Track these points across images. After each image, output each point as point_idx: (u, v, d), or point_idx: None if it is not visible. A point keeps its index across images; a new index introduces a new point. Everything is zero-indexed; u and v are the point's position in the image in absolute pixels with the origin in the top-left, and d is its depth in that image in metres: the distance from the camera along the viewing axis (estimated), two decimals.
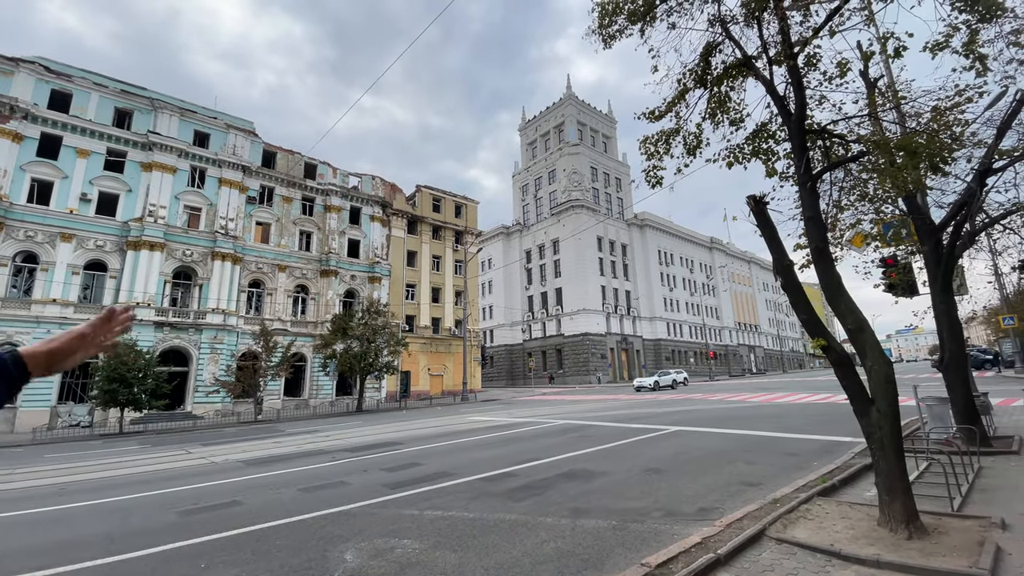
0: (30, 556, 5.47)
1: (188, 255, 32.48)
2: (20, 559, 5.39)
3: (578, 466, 8.84)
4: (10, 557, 5.54)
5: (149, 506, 7.72)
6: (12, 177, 27.78)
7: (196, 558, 5.07)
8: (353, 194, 42.26)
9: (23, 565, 5.10)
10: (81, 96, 31.00)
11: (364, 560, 4.73)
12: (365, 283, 41.32)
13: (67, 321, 27.88)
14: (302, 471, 10.11)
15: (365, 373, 31.77)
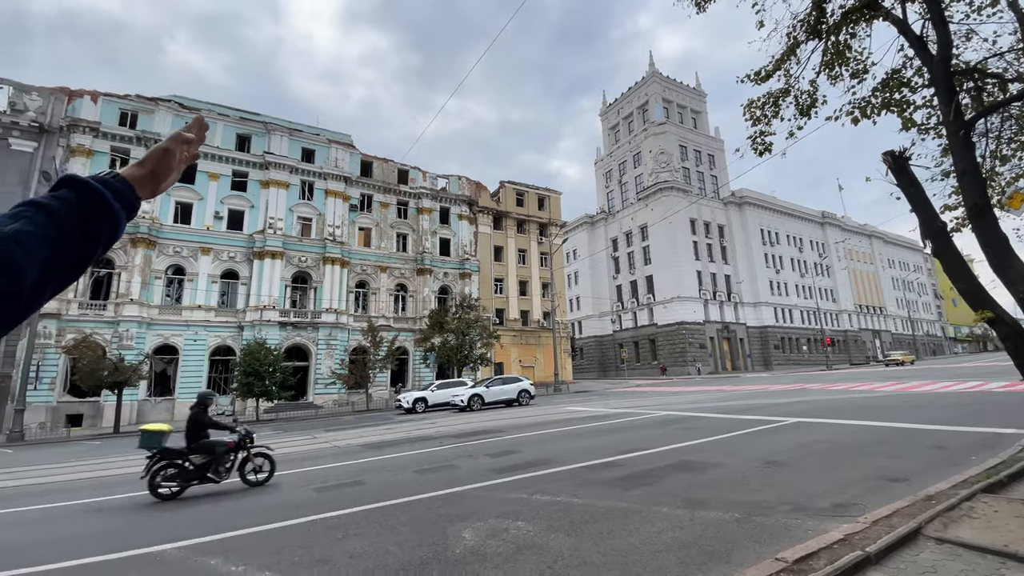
0: (197, 523, 6.37)
1: (303, 261, 35.95)
2: (190, 526, 6.29)
3: (687, 457, 8.44)
4: (181, 524, 6.48)
5: (288, 484, 8.65)
6: (160, 202, 32.54)
7: (333, 530, 5.57)
8: (442, 195, 43.99)
9: (193, 531, 5.94)
10: (210, 126, 35.44)
11: (481, 539, 4.88)
12: (456, 279, 42.91)
13: (210, 324, 32.24)
14: (414, 455, 10.75)
15: (461, 364, 33.10)
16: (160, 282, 31.68)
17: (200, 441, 8.20)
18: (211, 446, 8.21)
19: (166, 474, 8.02)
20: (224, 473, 8.30)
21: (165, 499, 7.91)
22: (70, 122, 30.50)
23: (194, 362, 31.46)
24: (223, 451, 8.28)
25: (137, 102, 33.31)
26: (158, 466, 7.97)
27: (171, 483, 8.01)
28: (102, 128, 31.28)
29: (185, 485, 8.08)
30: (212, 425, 8.38)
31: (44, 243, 0.71)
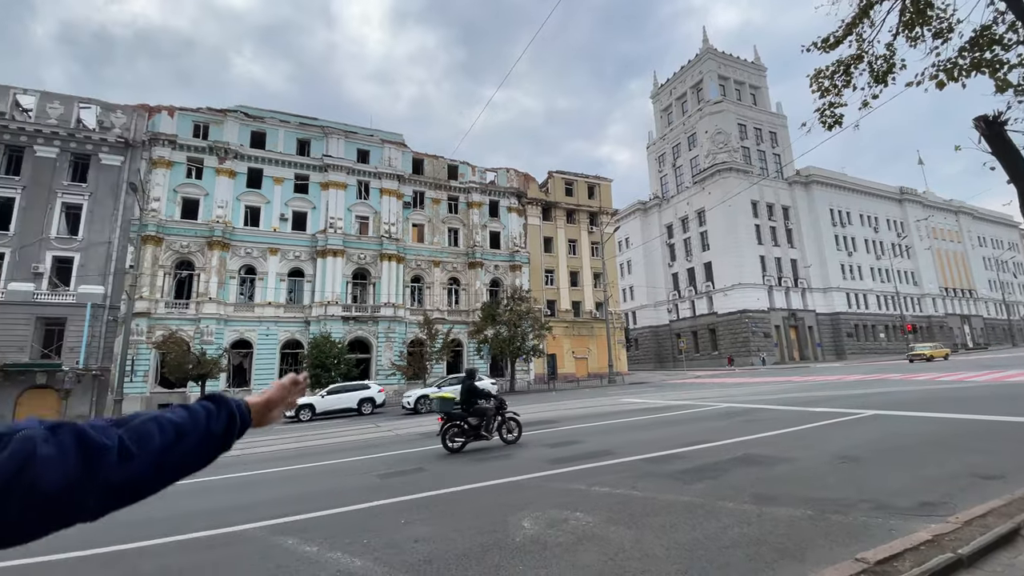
0: (277, 505, 6.83)
1: (362, 258, 37.45)
2: (271, 507, 6.75)
3: (753, 451, 8.09)
4: (263, 505, 6.97)
5: (354, 469, 9.10)
6: (232, 207, 34.85)
7: (397, 514, 5.81)
8: (491, 188, 44.29)
9: (273, 512, 6.37)
10: (272, 133, 37.50)
11: (541, 528, 4.92)
12: (507, 272, 43.18)
13: (280, 319, 34.34)
14: (471, 443, 10.98)
15: (514, 356, 33.41)
16: (234, 281, 34.05)
17: (474, 407, 10.15)
18: (483, 411, 10.15)
19: (452, 433, 10.04)
20: (491, 433, 10.21)
21: (453, 452, 9.89)
22: (151, 136, 33.26)
23: (267, 355, 33.67)
24: (492, 415, 10.23)
25: (208, 114, 35.77)
26: (449, 426, 10.04)
27: (457, 439, 10.02)
28: (178, 140, 33.88)
29: (466, 441, 10.04)
30: (480, 394, 10.36)
31: (175, 428, 0.91)
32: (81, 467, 0.72)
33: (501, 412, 10.45)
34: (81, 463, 0.73)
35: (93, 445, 0.75)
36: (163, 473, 0.87)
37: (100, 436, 0.77)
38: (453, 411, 10.25)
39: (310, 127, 38.95)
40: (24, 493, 0.65)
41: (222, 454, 1.02)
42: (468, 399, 10.19)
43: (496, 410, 10.36)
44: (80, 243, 30.42)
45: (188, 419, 0.94)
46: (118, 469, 0.77)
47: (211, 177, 34.59)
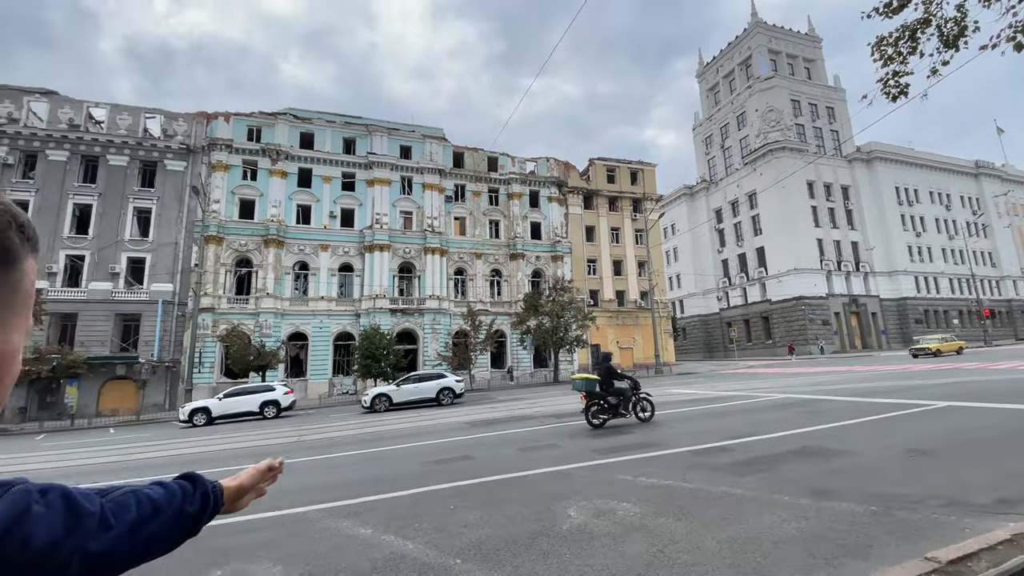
0: (332, 489, 7.17)
1: (407, 252, 38.36)
2: (325, 491, 7.09)
3: (811, 443, 7.74)
4: (317, 489, 7.32)
5: (403, 456, 9.41)
6: (285, 206, 36.46)
7: (445, 500, 5.97)
8: (531, 179, 44.12)
9: (328, 496, 6.70)
10: (320, 134, 38.83)
11: (588, 518, 4.93)
12: (549, 262, 43.02)
13: (332, 312, 35.80)
14: (516, 433, 11.11)
15: (557, 347, 33.34)
16: (289, 277, 35.75)
17: (613, 386, 10.87)
18: (621, 391, 10.86)
19: (594, 410, 10.82)
20: (629, 411, 10.91)
21: (595, 428, 10.63)
22: (209, 141, 35.23)
23: (321, 347, 35.21)
24: (630, 394, 10.91)
25: (260, 118, 37.46)
26: (590, 404, 10.85)
27: (600, 416, 10.78)
28: (234, 144, 35.72)
29: (607, 418, 10.79)
30: (618, 375, 11.05)
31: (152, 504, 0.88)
32: (67, 529, 0.68)
33: (636, 392, 11.06)
34: (67, 525, 0.69)
35: (80, 509, 0.72)
36: (135, 549, 0.81)
37: (85, 502, 0.74)
38: (595, 391, 10.92)
39: (355, 126, 40.06)
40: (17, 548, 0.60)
41: (190, 538, 0.98)
42: (607, 380, 10.90)
43: (632, 390, 10.99)
44: (150, 244, 32.78)
45: (165, 496, 0.92)
46: (97, 537, 0.73)
47: (265, 178, 36.31)
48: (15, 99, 32.31)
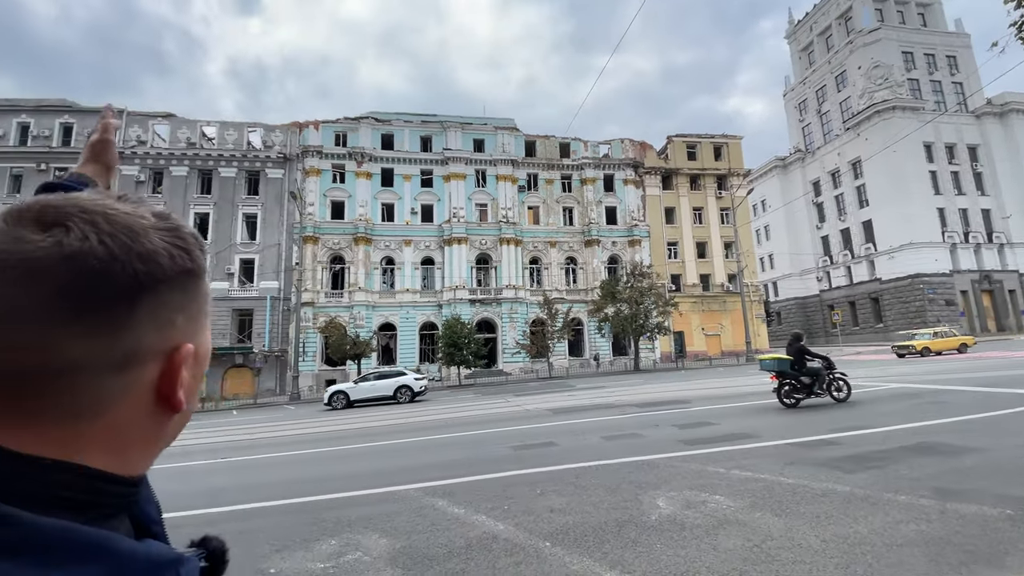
0: (426, 470, 7.61)
1: (483, 244, 39.28)
2: (420, 471, 7.55)
3: (933, 438, 6.96)
4: (413, 469, 7.82)
5: (490, 441, 9.75)
6: (370, 205, 38.74)
7: (531, 485, 6.13)
8: (604, 162, 43.12)
9: (423, 476, 7.14)
10: (399, 134, 40.67)
11: (677, 509, 4.84)
12: (626, 247, 41.93)
13: (417, 304, 37.72)
14: (598, 421, 11.08)
15: (637, 334, 32.51)
16: (377, 272, 38.13)
17: (807, 366, 10.74)
18: (816, 370, 10.70)
19: (787, 390, 10.76)
20: (824, 391, 10.71)
21: (788, 407, 10.60)
22: (302, 149, 38.24)
23: (408, 336, 37.25)
24: (825, 374, 10.74)
25: (344, 124, 39.97)
26: (781, 384, 10.80)
27: (793, 396, 10.73)
28: (324, 150, 38.51)
29: (801, 398, 10.72)
30: (810, 353, 10.87)
31: None
32: None
33: (831, 371, 10.79)
34: None
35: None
36: None
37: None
38: (787, 371, 10.77)
39: (430, 124, 41.48)
40: None
41: None
42: (799, 359, 10.71)
43: (826, 369, 10.75)
44: (258, 246, 36.41)
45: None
46: None
47: (352, 180, 38.82)
48: (143, 123, 37.15)
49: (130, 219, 0.45)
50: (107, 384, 0.43)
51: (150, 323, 0.44)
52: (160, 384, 0.46)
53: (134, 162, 36.06)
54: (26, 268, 0.39)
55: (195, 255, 0.48)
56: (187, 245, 0.48)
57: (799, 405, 10.65)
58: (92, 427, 0.43)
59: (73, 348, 0.40)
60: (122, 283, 0.42)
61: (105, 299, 0.41)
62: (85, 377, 0.41)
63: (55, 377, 0.40)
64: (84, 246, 0.41)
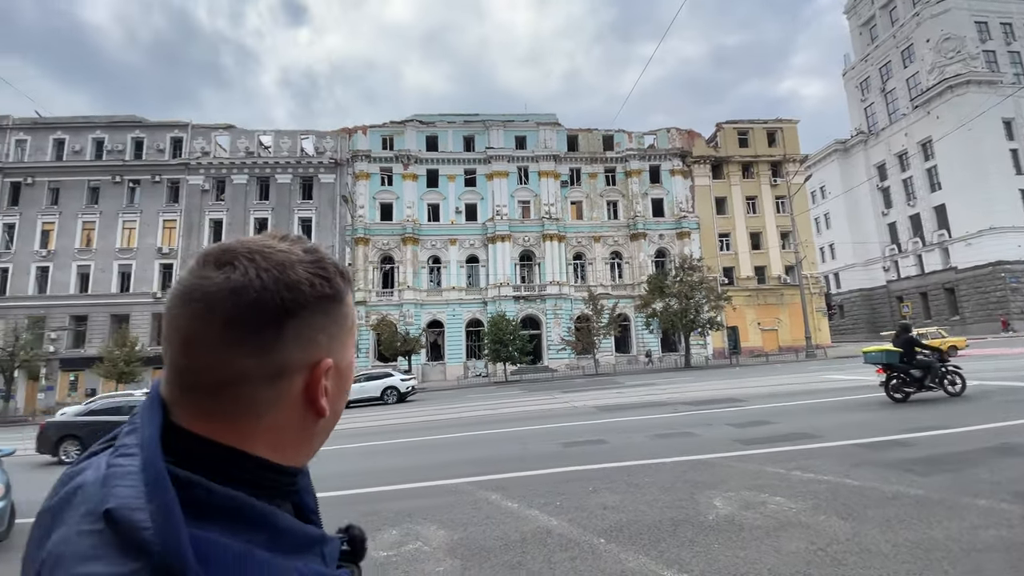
0: (478, 464, 7.81)
1: (526, 241, 39.42)
2: (473, 465, 7.76)
3: (1017, 439, 6.46)
4: (467, 463, 8.02)
5: (538, 437, 9.85)
6: (417, 206, 39.70)
7: (583, 482, 6.18)
8: (650, 153, 42.15)
9: (476, 470, 7.33)
10: (443, 135, 41.39)
11: (735, 509, 4.76)
12: (674, 240, 40.87)
13: (463, 301, 38.43)
14: (648, 419, 10.94)
15: (688, 330, 31.61)
16: (424, 270, 39.09)
17: (917, 359, 10.28)
18: (928, 363, 10.19)
19: (895, 384, 10.39)
20: (937, 384, 10.19)
21: (897, 402, 10.23)
22: (352, 154, 39.66)
23: (455, 333, 37.99)
24: (938, 367, 10.19)
25: (391, 127, 41.10)
26: (889, 377, 10.44)
27: (904, 390, 10.32)
28: (372, 154, 39.79)
29: (911, 392, 10.27)
30: (920, 345, 10.41)
31: None
32: None
33: (944, 364, 10.30)
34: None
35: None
36: None
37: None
38: (896, 363, 10.33)
39: (473, 123, 41.95)
40: None
41: None
42: (909, 351, 10.26)
43: (939, 362, 10.28)
44: None
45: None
46: None
47: (399, 182, 39.94)
48: (206, 135, 39.64)
49: (282, 255, 0.55)
50: (264, 393, 0.54)
51: (295, 342, 0.55)
52: (306, 393, 0.56)
53: (199, 172, 38.58)
54: (206, 302, 0.51)
55: (334, 282, 0.59)
56: (327, 274, 0.58)
57: (908, 400, 10.16)
58: (257, 426, 0.54)
59: (240, 365, 0.52)
60: (272, 310, 0.53)
61: (260, 324, 0.52)
62: (248, 388, 0.53)
63: (230, 387, 0.52)
64: (244, 280, 0.52)
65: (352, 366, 0.62)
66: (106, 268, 36.71)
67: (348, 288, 0.61)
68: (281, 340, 0.54)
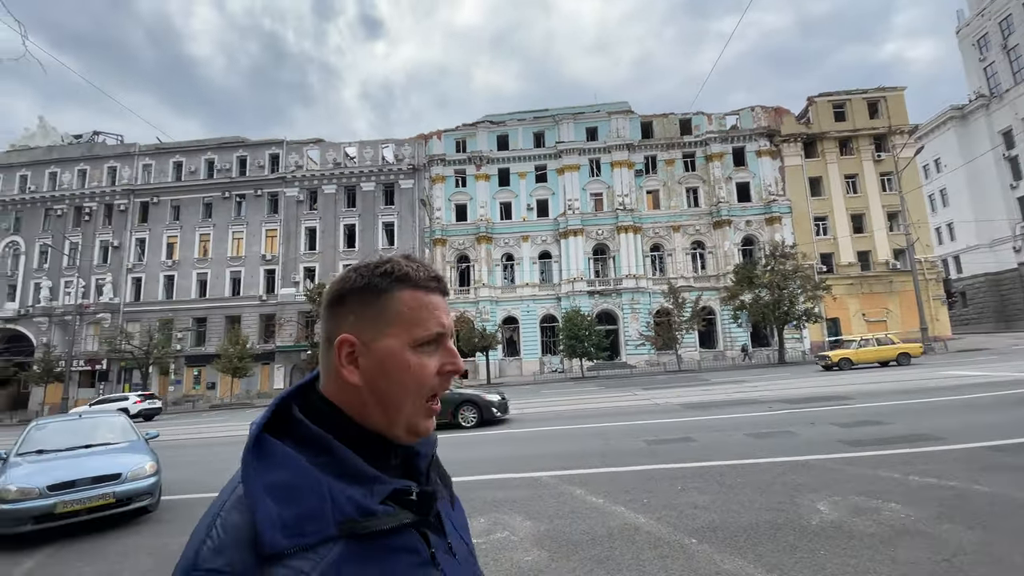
0: (562, 459, 7.86)
1: (600, 234, 38.79)
2: (557, 460, 7.81)
3: None
4: (551, 457, 8.10)
5: (621, 433, 9.72)
6: (489, 205, 40.46)
7: (671, 480, 6.03)
8: (732, 134, 39.68)
9: (559, 464, 7.39)
10: (513, 134, 41.78)
11: (844, 515, 4.43)
12: (762, 226, 38.20)
13: (536, 297, 38.67)
14: (740, 417, 10.39)
15: (781, 323, 29.43)
16: (498, 268, 39.82)
17: None
18: None
19: None
20: None
21: None
22: (428, 159, 41.25)
23: (530, 329, 38.34)
24: None
25: (463, 130, 42.21)
26: None
27: None
28: (446, 157, 41.13)
29: None
30: None
31: None
32: None
33: None
34: None
35: None
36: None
37: None
38: None
39: (543, 119, 41.96)
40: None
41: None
42: None
43: None
44: (396, 251, 40.20)
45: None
46: None
47: (472, 183, 40.96)
48: (298, 151, 43.07)
49: (366, 261, 0.77)
50: (326, 356, 0.75)
51: (334, 319, 0.75)
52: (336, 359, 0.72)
53: (294, 184, 42.07)
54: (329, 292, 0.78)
55: (370, 278, 0.74)
56: (368, 271, 0.75)
57: None
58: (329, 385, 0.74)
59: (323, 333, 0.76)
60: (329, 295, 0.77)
61: (325, 305, 0.77)
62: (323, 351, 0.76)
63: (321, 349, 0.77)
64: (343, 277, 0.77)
65: (387, 352, 0.72)
66: (220, 275, 41.23)
67: (393, 284, 0.74)
68: (331, 317, 0.75)
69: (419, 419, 0.74)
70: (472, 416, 12.15)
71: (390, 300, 0.74)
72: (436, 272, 0.79)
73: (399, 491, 0.69)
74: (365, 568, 0.62)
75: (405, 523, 0.67)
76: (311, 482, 0.63)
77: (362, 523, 0.63)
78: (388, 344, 0.72)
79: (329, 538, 0.61)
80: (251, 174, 42.71)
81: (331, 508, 0.62)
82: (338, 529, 0.62)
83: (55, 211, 43.13)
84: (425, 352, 0.74)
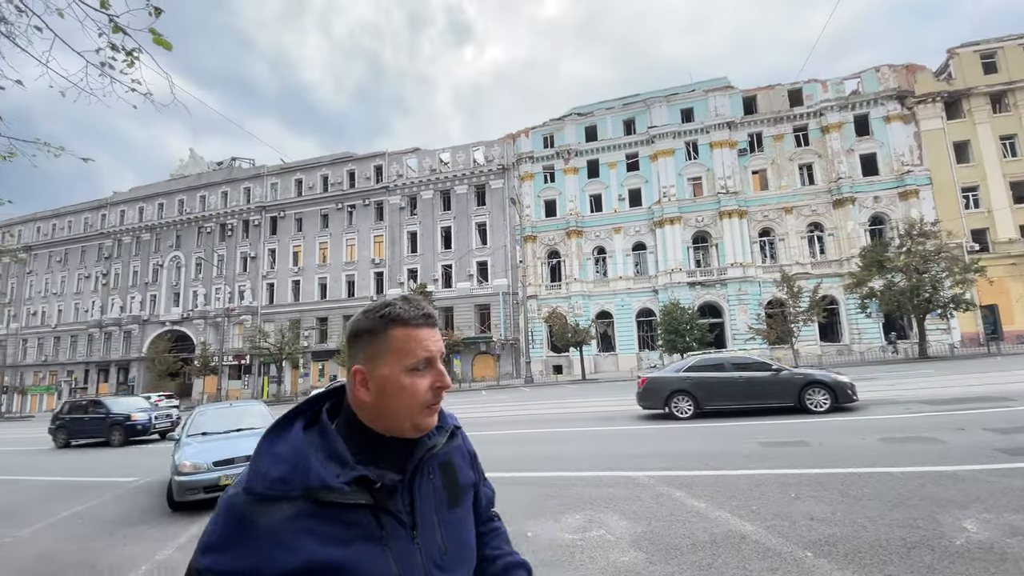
0: (661, 458, 7.61)
1: (700, 221, 36.58)
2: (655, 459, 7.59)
3: None
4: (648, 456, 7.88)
5: (729, 434, 9.15)
6: (579, 199, 39.99)
7: (784, 487, 5.57)
8: (853, 100, 35.24)
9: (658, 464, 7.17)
10: (601, 123, 40.85)
11: (995, 535, 3.80)
12: (894, 201, 33.50)
13: (631, 291, 37.57)
14: (872, 420, 9.27)
15: (922, 312, 25.56)
16: (590, 262, 39.28)
17: None
18: None
19: None
20: None
21: None
22: (517, 157, 41.81)
23: (625, 323, 37.34)
24: None
25: (550, 126, 42.14)
26: None
27: None
28: (534, 154, 41.40)
29: None
30: None
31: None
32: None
33: None
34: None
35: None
36: None
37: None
38: None
39: (632, 104, 40.50)
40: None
41: None
42: None
43: None
44: (488, 249, 41.44)
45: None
46: None
47: (561, 178, 40.80)
48: (398, 160, 45.96)
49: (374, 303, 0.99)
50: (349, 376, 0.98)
51: (351, 351, 0.98)
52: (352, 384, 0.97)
53: (396, 193, 45.06)
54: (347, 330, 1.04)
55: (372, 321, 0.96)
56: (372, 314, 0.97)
57: None
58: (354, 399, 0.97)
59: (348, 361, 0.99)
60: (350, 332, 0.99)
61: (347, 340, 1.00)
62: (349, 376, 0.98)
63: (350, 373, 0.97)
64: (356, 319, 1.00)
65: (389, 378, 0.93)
66: (337, 279, 45.57)
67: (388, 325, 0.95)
68: (349, 350, 0.99)
69: (421, 419, 0.96)
70: (823, 400, 10.52)
71: (385, 338, 0.95)
72: (426, 310, 0.99)
73: (365, 478, 0.87)
74: (321, 525, 0.82)
75: (360, 503, 0.86)
76: (297, 457, 0.86)
77: (320, 492, 0.83)
78: (386, 372, 0.94)
79: (293, 497, 0.82)
80: (359, 186, 46.53)
81: (303, 477, 0.83)
82: (302, 492, 0.82)
83: (205, 228, 50.74)
84: (417, 374, 0.95)
